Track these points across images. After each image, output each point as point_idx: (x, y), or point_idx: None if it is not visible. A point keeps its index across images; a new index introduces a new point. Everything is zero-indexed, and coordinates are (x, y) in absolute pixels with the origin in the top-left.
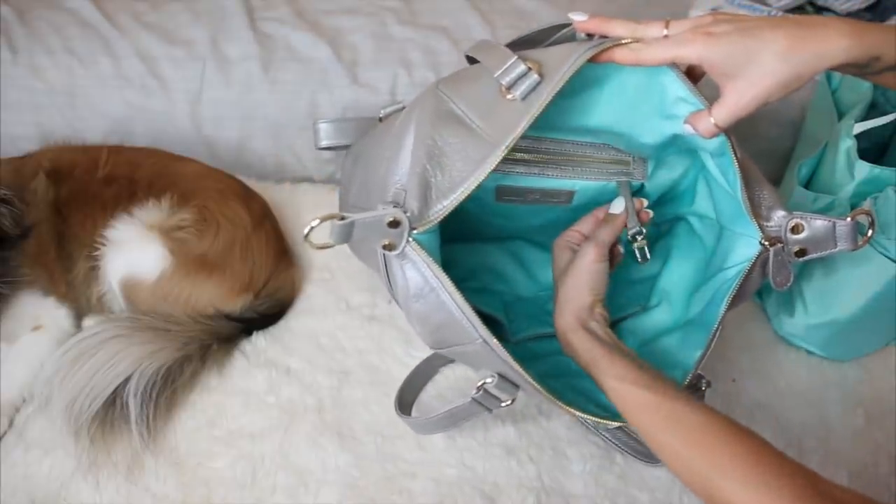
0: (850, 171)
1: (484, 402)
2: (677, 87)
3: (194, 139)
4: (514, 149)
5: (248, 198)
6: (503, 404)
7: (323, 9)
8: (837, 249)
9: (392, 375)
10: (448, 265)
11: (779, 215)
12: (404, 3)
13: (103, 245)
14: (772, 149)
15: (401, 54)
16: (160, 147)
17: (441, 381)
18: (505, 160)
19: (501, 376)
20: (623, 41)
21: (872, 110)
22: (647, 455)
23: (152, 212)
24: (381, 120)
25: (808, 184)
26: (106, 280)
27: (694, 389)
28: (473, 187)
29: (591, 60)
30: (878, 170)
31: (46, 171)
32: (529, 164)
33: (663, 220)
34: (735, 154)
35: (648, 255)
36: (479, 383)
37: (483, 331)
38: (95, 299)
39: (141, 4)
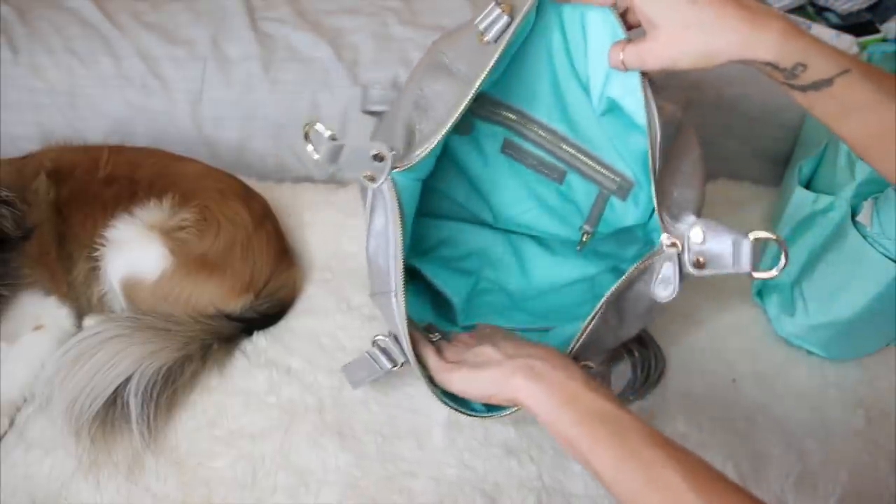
0: (851, 172)
1: (375, 358)
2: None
3: (195, 139)
4: (523, 120)
5: (249, 198)
6: (393, 367)
7: (324, 9)
8: (734, 271)
9: (392, 375)
10: (447, 242)
11: (689, 220)
12: (405, 2)
13: (104, 245)
14: (772, 149)
15: (401, 54)
16: (161, 147)
17: None
18: (516, 122)
19: (394, 337)
20: None
21: None
22: None
23: (153, 212)
24: None
25: (808, 184)
26: (107, 280)
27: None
28: (450, 127)
29: None
30: None
31: (47, 172)
32: (538, 137)
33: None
34: (650, 128)
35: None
36: (375, 337)
37: (398, 283)
38: (96, 299)
39: (141, 4)
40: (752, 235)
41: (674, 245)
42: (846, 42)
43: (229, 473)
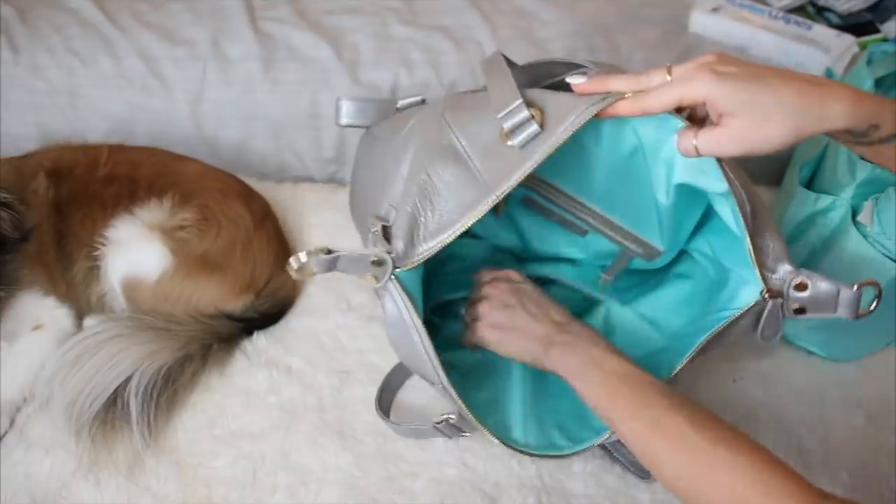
0: (852, 172)
1: (445, 430)
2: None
3: (195, 139)
4: (549, 186)
5: (249, 197)
6: (464, 435)
7: (324, 8)
8: (836, 315)
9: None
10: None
11: (784, 269)
12: (405, 2)
13: (104, 245)
14: None
15: (402, 54)
16: (161, 147)
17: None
18: (541, 186)
19: (461, 416)
20: (626, 95)
21: None
22: (641, 469)
23: (153, 211)
24: (397, 110)
25: (809, 184)
26: (107, 280)
27: None
28: (459, 232)
29: (596, 116)
30: (878, 170)
31: (47, 171)
32: (559, 200)
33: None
34: (738, 199)
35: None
36: (442, 417)
37: (443, 377)
38: (96, 299)
39: (142, 4)
40: (855, 285)
41: (774, 296)
42: (846, 42)
43: (229, 473)
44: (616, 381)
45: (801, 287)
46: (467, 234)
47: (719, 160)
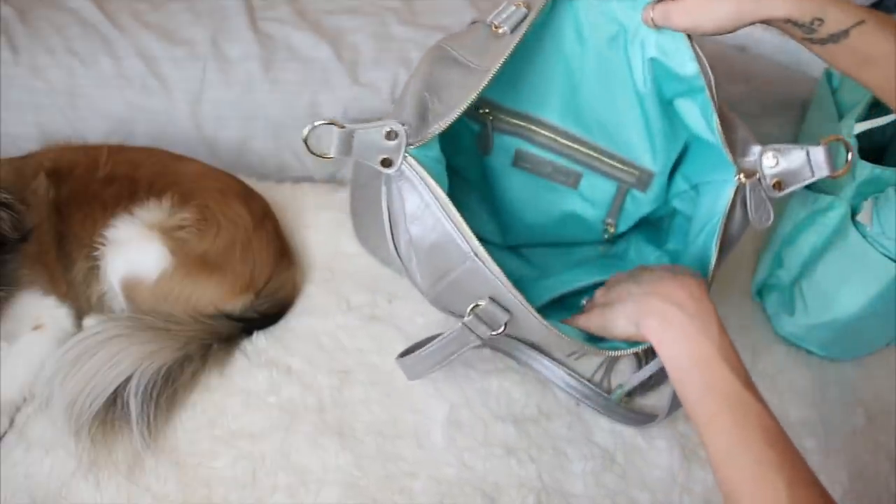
0: (851, 172)
1: (474, 327)
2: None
3: (195, 139)
4: (534, 124)
5: (249, 197)
6: (493, 332)
7: (324, 9)
8: (815, 178)
9: (393, 375)
10: None
11: (754, 150)
12: (405, 2)
13: (103, 245)
14: None
15: (402, 54)
16: (161, 147)
17: None
18: (526, 129)
19: (492, 299)
20: None
21: (873, 110)
22: (627, 419)
23: (153, 211)
24: None
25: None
26: (106, 280)
27: None
28: (466, 106)
29: None
30: (878, 170)
31: (47, 171)
32: (546, 139)
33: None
34: (703, 72)
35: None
36: (471, 306)
37: (474, 242)
38: (96, 299)
39: (142, 4)
40: (823, 141)
41: (750, 176)
42: None
43: (229, 473)
44: (719, 399)
45: (772, 160)
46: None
47: (690, 38)
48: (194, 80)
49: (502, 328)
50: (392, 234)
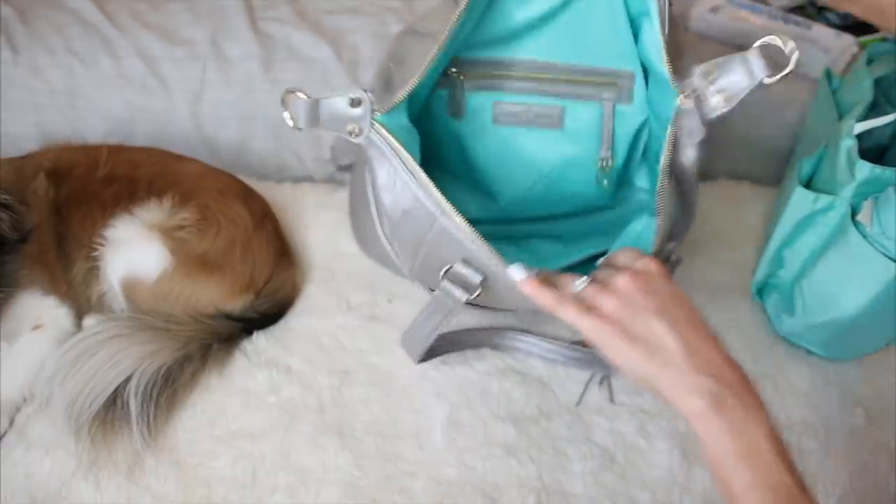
0: (851, 171)
1: (449, 292)
2: None
3: (195, 139)
4: (509, 69)
5: (249, 197)
6: (470, 296)
7: (324, 9)
8: (759, 80)
9: (393, 375)
10: None
11: (696, 70)
12: (405, 2)
13: (103, 245)
14: (772, 148)
15: None
16: (161, 147)
17: None
18: (501, 77)
19: (465, 261)
20: None
21: (873, 110)
22: (587, 362)
23: (153, 211)
24: None
25: (808, 183)
26: (106, 280)
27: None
28: (429, 69)
29: None
30: (878, 170)
31: (46, 171)
32: (523, 81)
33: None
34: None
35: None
36: (444, 269)
37: (437, 196)
38: (95, 299)
39: (141, 4)
40: (756, 44)
41: (691, 96)
42: (846, 41)
43: (229, 473)
44: (768, 499)
45: (709, 74)
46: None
47: None
48: (194, 80)
49: (478, 290)
50: (379, 220)
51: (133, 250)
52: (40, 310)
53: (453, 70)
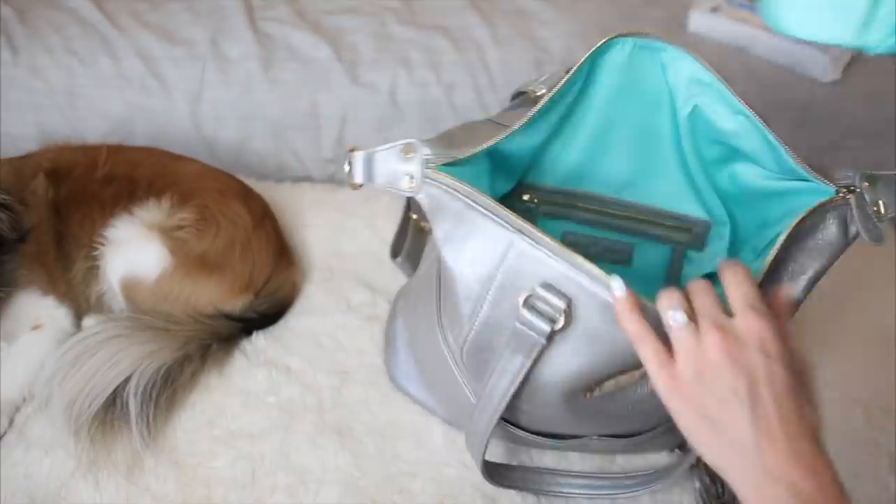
0: None
1: (533, 323)
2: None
3: (194, 139)
4: (580, 200)
5: (248, 197)
6: (555, 327)
7: (323, 9)
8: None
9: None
10: None
11: (845, 174)
12: (404, 2)
13: (103, 245)
14: None
15: (401, 54)
16: (160, 147)
17: None
18: (572, 207)
19: (546, 285)
20: None
21: None
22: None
23: (152, 211)
24: None
25: None
26: (106, 280)
27: None
28: (496, 142)
29: None
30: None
31: (46, 171)
32: (592, 214)
33: None
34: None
35: None
36: (522, 298)
37: (512, 218)
38: (95, 299)
39: (141, 4)
40: None
41: (850, 191)
42: None
43: (229, 473)
44: None
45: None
46: None
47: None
48: (194, 80)
49: (562, 318)
50: (440, 305)
51: (132, 250)
52: (39, 310)
53: (527, 196)
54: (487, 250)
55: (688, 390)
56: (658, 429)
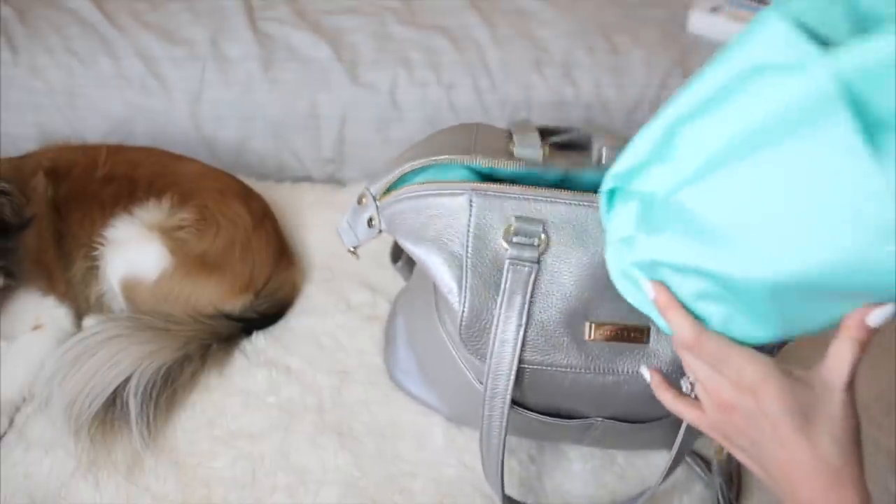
0: None
1: (520, 254)
2: None
3: (194, 139)
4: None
5: (248, 197)
6: (540, 251)
7: (323, 9)
8: None
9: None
10: None
11: None
12: (404, 2)
13: (103, 245)
14: None
15: (401, 54)
16: (160, 147)
17: None
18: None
19: (518, 218)
20: None
21: None
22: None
23: (152, 211)
24: None
25: None
26: (106, 279)
27: None
28: (431, 164)
29: None
30: None
31: (46, 171)
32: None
33: None
34: None
35: None
36: (502, 230)
37: (464, 184)
38: (95, 299)
39: (141, 4)
40: None
41: None
42: None
43: (229, 473)
44: None
45: None
46: None
47: None
48: (194, 80)
49: (543, 235)
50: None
51: (132, 250)
52: (40, 310)
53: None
54: (452, 220)
55: (717, 432)
56: (663, 420)
